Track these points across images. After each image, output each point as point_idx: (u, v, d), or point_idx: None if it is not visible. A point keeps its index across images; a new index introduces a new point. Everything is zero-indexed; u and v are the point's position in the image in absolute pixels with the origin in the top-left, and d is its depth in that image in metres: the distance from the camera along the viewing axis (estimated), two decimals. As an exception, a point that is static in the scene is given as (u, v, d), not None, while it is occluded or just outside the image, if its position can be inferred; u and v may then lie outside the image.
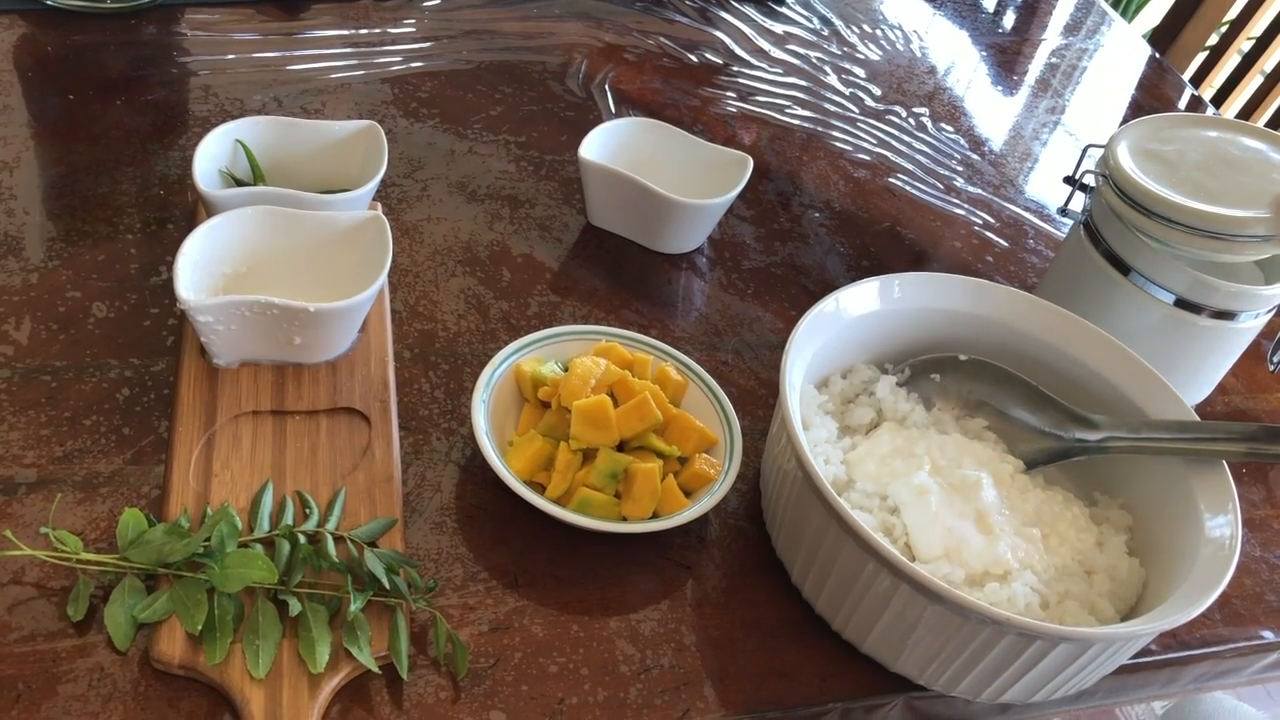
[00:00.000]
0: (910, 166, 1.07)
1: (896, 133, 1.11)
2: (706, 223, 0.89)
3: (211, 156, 0.75)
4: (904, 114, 1.14)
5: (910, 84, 1.19)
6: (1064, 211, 0.85)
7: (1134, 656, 0.66)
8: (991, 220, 1.03)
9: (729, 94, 1.10)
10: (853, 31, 1.26)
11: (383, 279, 0.68)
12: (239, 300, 0.64)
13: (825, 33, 1.24)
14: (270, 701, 0.54)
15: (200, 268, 0.67)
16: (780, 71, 1.16)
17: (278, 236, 0.71)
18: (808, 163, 1.04)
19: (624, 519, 0.66)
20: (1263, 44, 1.69)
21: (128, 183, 0.83)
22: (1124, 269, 0.79)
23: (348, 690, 0.57)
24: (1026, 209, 1.05)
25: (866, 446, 0.68)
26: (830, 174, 1.03)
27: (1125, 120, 1.22)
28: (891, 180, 1.05)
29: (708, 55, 1.15)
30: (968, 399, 0.73)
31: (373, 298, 0.68)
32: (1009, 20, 1.39)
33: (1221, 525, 0.63)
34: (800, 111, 1.10)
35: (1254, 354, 0.91)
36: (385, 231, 0.70)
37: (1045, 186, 1.09)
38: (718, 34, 1.19)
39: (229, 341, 0.67)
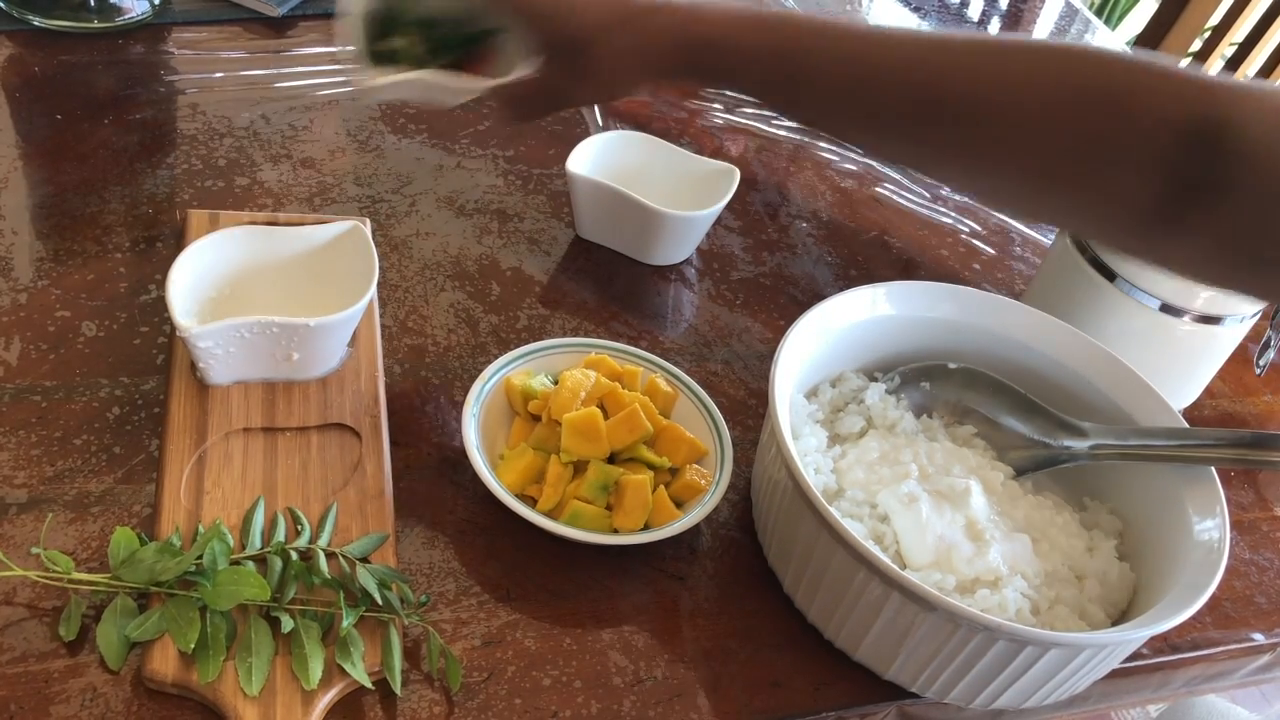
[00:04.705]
0: (897, 175, 1.07)
1: (883, 142, 1.11)
2: (695, 234, 0.89)
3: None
4: (890, 123, 1.15)
5: (896, 93, 1.20)
6: (1049, 219, 0.85)
7: (1126, 660, 0.66)
8: (978, 228, 1.03)
9: (715, 106, 1.11)
10: (838, 42, 1.26)
11: (373, 287, 0.68)
12: (239, 322, 0.65)
13: (811, 44, 1.25)
14: (264, 718, 0.54)
15: (190, 292, 0.67)
16: (766, 83, 1.16)
17: (259, 256, 0.71)
18: (795, 173, 1.05)
19: (615, 531, 0.66)
20: (1245, 49, 1.71)
21: (116, 201, 0.83)
22: (1109, 275, 0.79)
23: (341, 706, 0.57)
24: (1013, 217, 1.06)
25: (855, 454, 0.69)
26: (817, 184, 1.04)
27: (1110, 127, 1.23)
28: (878, 189, 1.05)
29: (694, 67, 1.16)
30: (957, 406, 0.74)
31: (364, 307, 0.68)
32: (994, 29, 1.40)
33: (1210, 529, 0.63)
34: (787, 122, 1.11)
35: (1240, 358, 0.91)
36: (367, 241, 0.71)
37: (1031, 194, 1.10)
38: (704, 46, 1.20)
39: (227, 364, 0.67)
